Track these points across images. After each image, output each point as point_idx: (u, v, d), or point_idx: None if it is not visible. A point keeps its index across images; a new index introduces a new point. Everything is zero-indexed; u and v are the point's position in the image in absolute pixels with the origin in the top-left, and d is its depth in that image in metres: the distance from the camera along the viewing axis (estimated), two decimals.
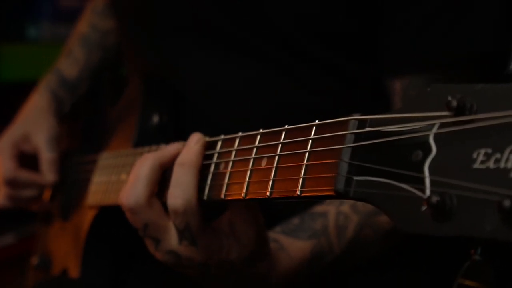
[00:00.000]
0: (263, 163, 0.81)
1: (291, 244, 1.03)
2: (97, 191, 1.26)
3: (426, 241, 1.19)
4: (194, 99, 1.23)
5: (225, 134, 0.91)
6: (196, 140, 0.91)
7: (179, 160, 0.90)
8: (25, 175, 1.48)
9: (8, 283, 2.30)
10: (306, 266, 1.03)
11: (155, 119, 1.24)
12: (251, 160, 0.83)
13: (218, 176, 0.88)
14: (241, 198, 0.83)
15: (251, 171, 0.83)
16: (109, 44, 1.64)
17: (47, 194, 1.55)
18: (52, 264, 1.47)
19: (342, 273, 1.14)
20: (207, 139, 0.93)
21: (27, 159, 1.51)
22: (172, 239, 0.92)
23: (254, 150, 0.84)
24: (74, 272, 1.33)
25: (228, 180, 0.87)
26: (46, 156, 1.49)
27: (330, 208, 1.07)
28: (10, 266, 2.17)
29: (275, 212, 1.09)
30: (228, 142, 0.90)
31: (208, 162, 0.91)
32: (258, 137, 0.84)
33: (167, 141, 1.04)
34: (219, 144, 0.91)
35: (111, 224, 1.30)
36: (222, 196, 0.87)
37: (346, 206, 1.06)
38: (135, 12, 1.31)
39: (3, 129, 1.55)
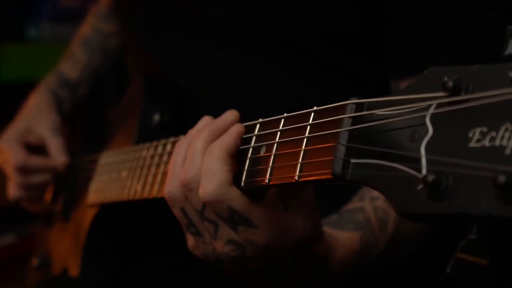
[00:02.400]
0: (262, 152, 0.82)
1: (339, 235, 0.98)
2: (98, 189, 1.27)
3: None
4: (197, 97, 1.23)
5: None
6: (233, 129, 0.86)
7: (210, 146, 0.84)
8: (36, 160, 1.49)
9: (8, 283, 2.30)
10: (357, 257, 0.99)
11: (157, 117, 1.24)
12: (251, 149, 0.84)
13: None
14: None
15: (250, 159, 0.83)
16: (111, 46, 1.65)
17: (48, 196, 1.56)
18: (52, 265, 1.48)
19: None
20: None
21: (33, 150, 1.51)
22: (233, 229, 0.84)
23: (254, 138, 0.85)
24: (74, 270, 1.33)
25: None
26: (53, 140, 1.50)
27: (365, 204, 1.04)
28: (10, 266, 2.18)
29: None
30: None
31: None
32: (258, 126, 0.85)
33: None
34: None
35: (112, 223, 1.30)
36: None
37: (380, 200, 1.04)
38: (138, 11, 1.32)
39: (3, 128, 1.56)
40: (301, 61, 1.15)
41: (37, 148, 1.52)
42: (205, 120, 0.91)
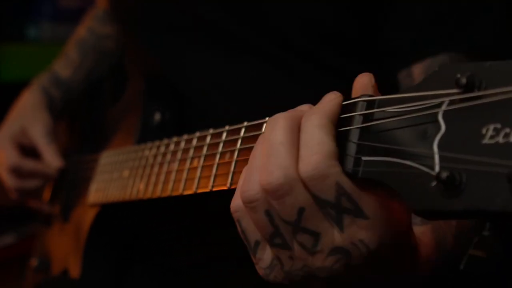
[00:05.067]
0: None
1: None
2: (99, 189, 1.27)
3: None
4: (196, 98, 1.23)
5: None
6: (333, 94, 0.73)
7: (308, 112, 0.71)
8: (29, 163, 1.49)
9: (8, 283, 2.29)
10: (436, 253, 0.81)
11: (157, 117, 1.24)
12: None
13: None
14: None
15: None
16: (106, 48, 1.64)
17: (47, 195, 1.55)
18: (52, 265, 1.47)
19: None
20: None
21: (27, 153, 1.51)
22: (336, 227, 0.68)
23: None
24: (75, 271, 1.32)
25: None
26: (45, 145, 1.49)
27: None
28: (10, 266, 2.17)
29: None
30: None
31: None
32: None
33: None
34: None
35: (112, 224, 1.30)
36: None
37: None
38: (137, 12, 1.32)
39: None
40: (300, 63, 1.15)
41: (30, 151, 1.51)
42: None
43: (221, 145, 0.90)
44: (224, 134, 0.90)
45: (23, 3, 2.45)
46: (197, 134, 0.97)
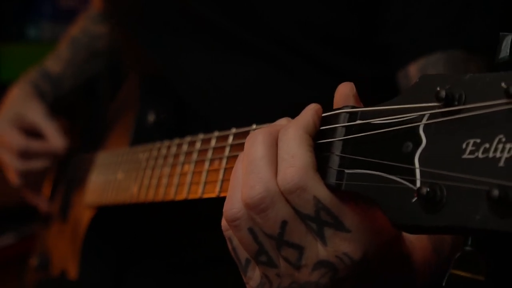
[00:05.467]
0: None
1: (407, 234, 0.77)
2: (95, 190, 1.27)
3: None
4: (194, 98, 1.23)
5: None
6: (311, 107, 0.72)
7: (285, 126, 0.71)
8: (36, 143, 1.46)
9: (8, 283, 2.30)
10: (434, 257, 0.82)
11: (152, 116, 1.24)
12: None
13: None
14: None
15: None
16: (99, 47, 1.64)
17: (47, 191, 1.55)
18: (51, 265, 1.48)
19: None
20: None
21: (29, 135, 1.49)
22: (319, 240, 0.67)
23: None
24: (72, 273, 1.33)
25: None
26: (49, 125, 1.47)
27: None
28: (10, 266, 2.17)
29: None
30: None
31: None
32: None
33: (164, 138, 1.05)
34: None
35: (109, 225, 1.30)
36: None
37: None
38: (135, 12, 1.31)
39: None
40: (299, 63, 1.15)
41: (31, 134, 1.49)
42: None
43: (210, 151, 0.90)
44: (214, 141, 0.90)
45: (23, 3, 2.45)
46: (188, 139, 0.97)
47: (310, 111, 0.70)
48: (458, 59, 1.02)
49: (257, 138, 0.69)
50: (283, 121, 0.73)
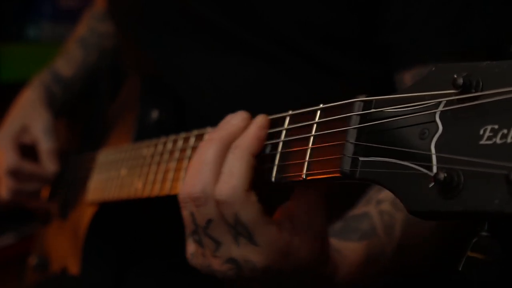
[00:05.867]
0: (267, 150, 0.82)
1: (344, 247, 0.94)
2: (97, 187, 1.27)
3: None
4: (193, 98, 1.23)
5: None
6: (257, 124, 0.83)
7: (234, 143, 0.82)
8: (28, 166, 1.48)
9: (8, 283, 2.29)
10: (362, 269, 0.95)
11: (154, 115, 1.24)
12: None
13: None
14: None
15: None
16: (106, 46, 1.65)
17: (45, 193, 1.55)
18: (50, 264, 1.47)
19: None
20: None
21: (26, 152, 1.51)
22: (234, 242, 0.81)
23: None
24: (74, 269, 1.32)
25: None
26: (45, 147, 1.49)
27: (370, 208, 1.02)
28: (10, 266, 2.17)
29: None
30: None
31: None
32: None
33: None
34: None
35: (111, 222, 1.30)
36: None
37: (386, 204, 1.02)
38: (134, 11, 1.32)
39: None
40: (298, 63, 1.15)
41: (30, 149, 1.51)
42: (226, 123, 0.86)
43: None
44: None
45: (23, 3, 2.44)
46: (195, 132, 0.97)
47: (256, 130, 0.81)
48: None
49: (212, 144, 0.81)
50: (240, 122, 0.84)
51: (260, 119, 0.83)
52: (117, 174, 1.18)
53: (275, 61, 1.15)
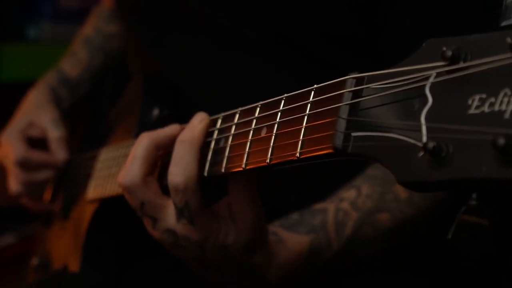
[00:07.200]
0: (263, 133, 0.82)
1: (289, 238, 1.02)
2: (98, 184, 1.27)
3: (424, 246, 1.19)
4: (196, 96, 1.24)
5: None
6: (199, 119, 0.92)
7: (180, 137, 0.91)
8: (37, 155, 1.49)
9: (8, 283, 2.29)
10: (303, 261, 1.03)
11: (156, 112, 1.24)
12: (251, 131, 0.85)
13: (219, 152, 0.89)
14: (241, 169, 0.84)
15: (251, 141, 0.84)
16: (112, 47, 1.65)
17: (48, 194, 1.56)
18: (52, 264, 1.47)
19: (337, 274, 1.14)
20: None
21: (35, 145, 1.51)
22: (170, 217, 0.93)
23: (254, 121, 0.85)
24: (74, 267, 1.32)
25: (228, 153, 0.87)
26: (54, 135, 1.50)
27: (330, 205, 1.07)
28: (10, 266, 2.17)
29: (277, 208, 1.10)
30: (228, 118, 0.91)
31: (209, 139, 0.92)
32: (258, 109, 0.85)
33: None
34: (219, 121, 0.92)
35: (112, 220, 1.30)
36: (223, 170, 0.87)
37: (346, 203, 1.06)
38: (137, 11, 1.32)
39: (3, 128, 1.56)
40: (300, 61, 1.15)
41: (39, 143, 1.52)
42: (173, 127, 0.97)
43: (215, 132, 0.91)
44: (219, 122, 0.91)
45: (23, 3, 2.45)
46: None
47: (198, 128, 0.93)
48: None
49: (143, 141, 0.95)
50: (172, 130, 0.96)
51: (201, 117, 0.94)
52: (118, 170, 1.19)
53: (277, 59, 1.16)
